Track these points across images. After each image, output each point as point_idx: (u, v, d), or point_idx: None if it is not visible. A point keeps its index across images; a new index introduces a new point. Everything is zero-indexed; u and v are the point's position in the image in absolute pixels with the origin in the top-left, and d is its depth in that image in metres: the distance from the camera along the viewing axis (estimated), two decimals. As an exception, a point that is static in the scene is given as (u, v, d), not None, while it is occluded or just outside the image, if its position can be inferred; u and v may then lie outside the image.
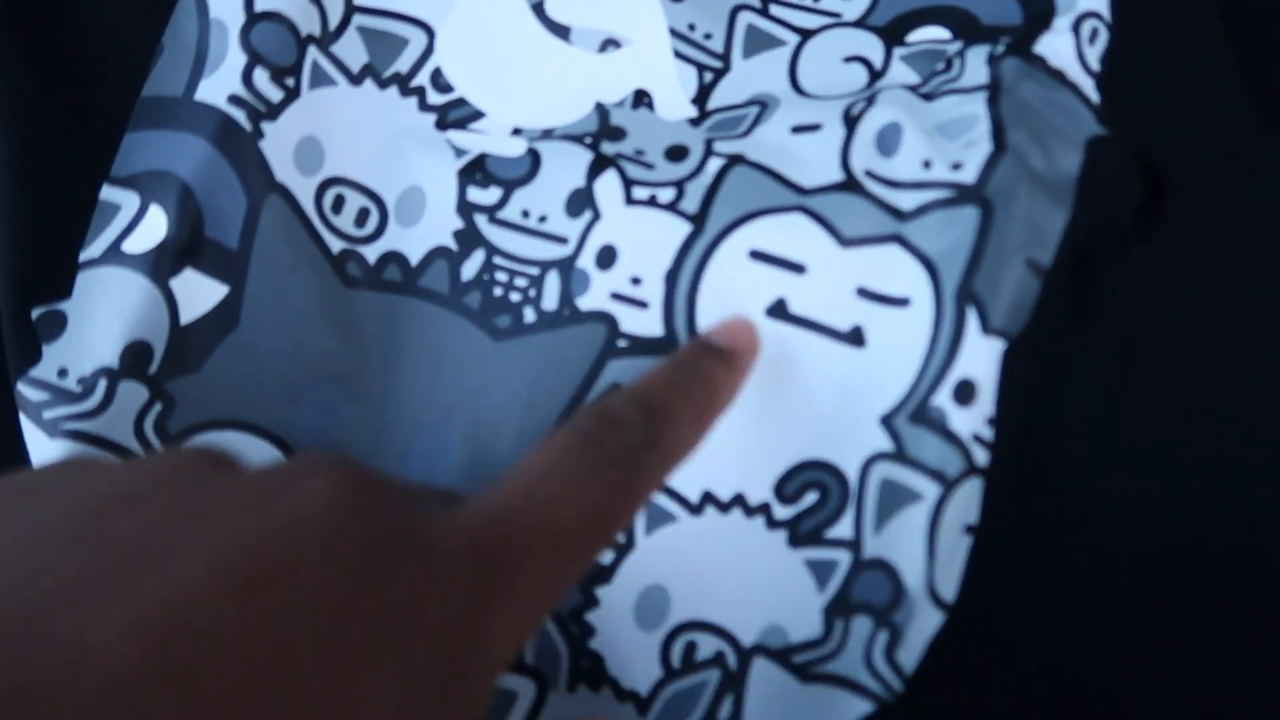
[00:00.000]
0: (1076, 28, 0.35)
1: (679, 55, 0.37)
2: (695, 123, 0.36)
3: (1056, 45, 0.34)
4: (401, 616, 0.17)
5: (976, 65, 0.35)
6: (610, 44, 0.37)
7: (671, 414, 0.25)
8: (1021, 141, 0.33)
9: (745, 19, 0.38)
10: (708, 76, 0.37)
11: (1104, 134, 0.33)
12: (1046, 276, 0.31)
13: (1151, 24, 0.35)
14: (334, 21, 0.34)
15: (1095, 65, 0.35)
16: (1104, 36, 0.35)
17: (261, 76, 0.32)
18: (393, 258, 0.34)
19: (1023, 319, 0.31)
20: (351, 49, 0.34)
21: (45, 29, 0.32)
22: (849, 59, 0.37)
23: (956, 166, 0.33)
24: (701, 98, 0.37)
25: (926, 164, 0.33)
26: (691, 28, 0.38)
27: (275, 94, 0.32)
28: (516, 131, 0.36)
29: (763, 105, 0.37)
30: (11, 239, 0.30)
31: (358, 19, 0.35)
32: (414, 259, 0.34)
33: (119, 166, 0.31)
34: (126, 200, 0.31)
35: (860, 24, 0.38)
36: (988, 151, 0.32)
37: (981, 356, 0.30)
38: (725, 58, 0.38)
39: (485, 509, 0.20)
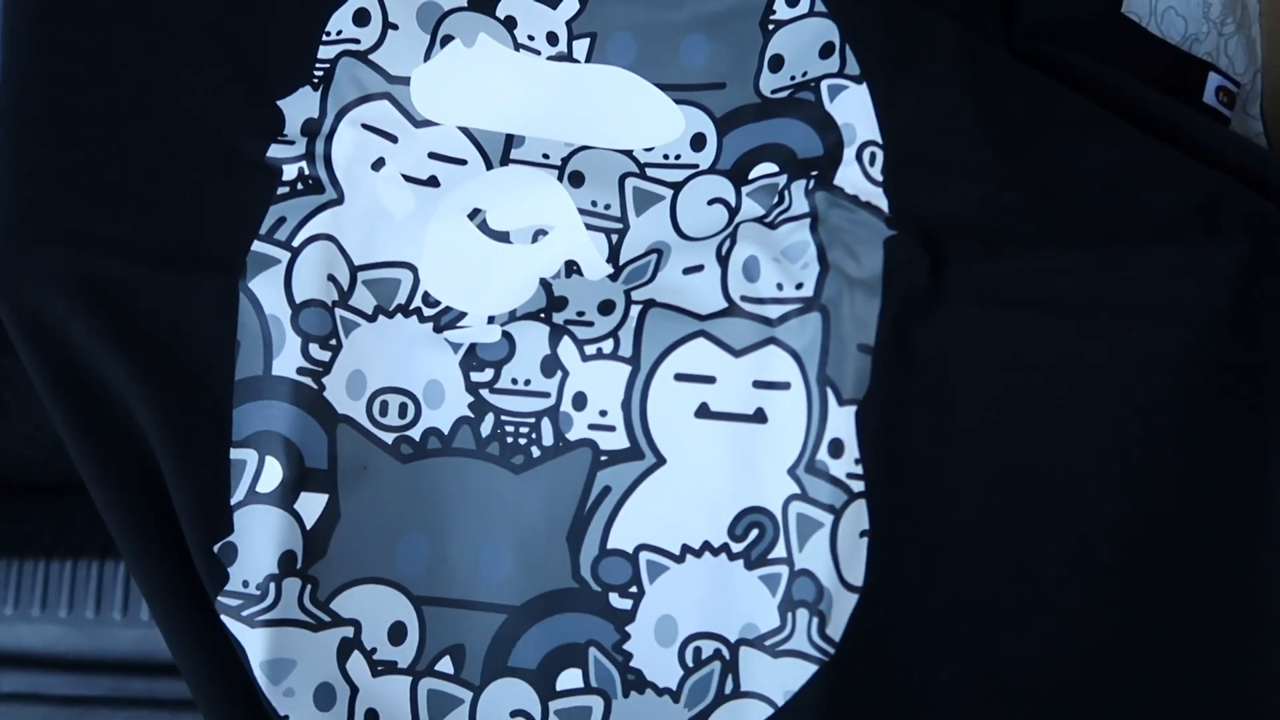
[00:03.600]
0: (859, 155, 0.49)
1: (590, 228, 0.51)
2: (614, 277, 0.50)
3: (849, 175, 0.48)
4: None
5: (799, 197, 0.49)
6: (540, 233, 0.51)
7: None
8: (839, 258, 0.47)
9: (631, 184, 0.52)
10: (614, 238, 0.51)
11: (894, 234, 0.47)
12: (873, 352, 0.46)
13: (919, 137, 0.49)
14: (345, 285, 0.48)
15: (879, 177, 0.49)
16: (880, 155, 0.49)
17: (314, 348, 0.46)
18: (431, 432, 0.48)
19: (864, 387, 0.46)
20: (363, 298, 0.48)
21: (163, 347, 0.45)
22: (711, 201, 0.51)
23: (799, 285, 0.47)
24: (614, 256, 0.51)
25: (779, 286, 0.47)
26: (594, 203, 0.51)
27: (325, 356, 0.46)
28: (491, 319, 0.49)
29: (659, 252, 0.50)
30: (188, 504, 0.44)
31: (361, 276, 0.48)
32: (445, 430, 0.48)
33: (236, 432, 0.45)
34: (249, 456, 0.45)
35: (713, 169, 0.52)
36: (818, 271, 0.47)
37: (842, 421, 0.45)
38: (623, 219, 0.51)
39: None
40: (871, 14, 0.51)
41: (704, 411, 0.47)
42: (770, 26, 0.52)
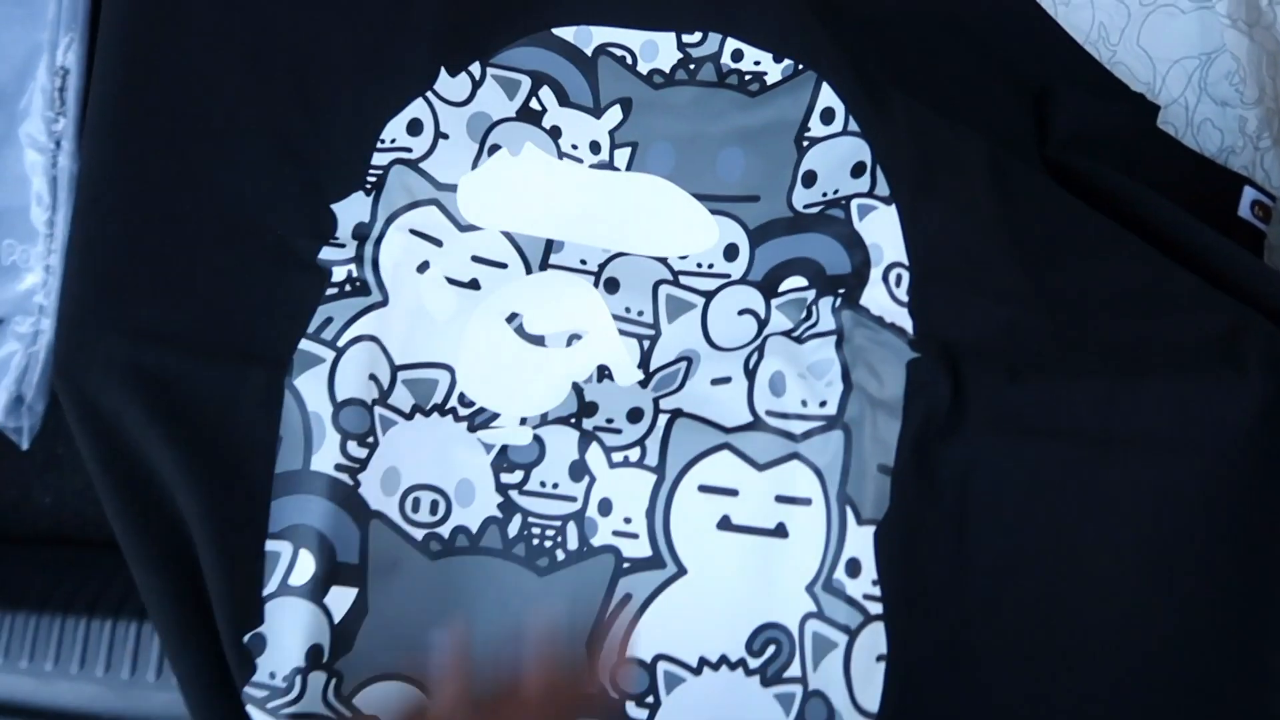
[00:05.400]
0: (885, 276, 0.50)
1: (623, 333, 0.52)
2: (644, 384, 0.52)
3: (874, 295, 0.49)
4: None
5: (826, 314, 0.50)
6: (574, 338, 0.52)
7: None
8: (863, 377, 0.48)
9: (664, 291, 0.53)
10: (646, 344, 0.52)
11: (917, 356, 0.48)
12: (893, 473, 0.47)
13: (945, 259, 0.50)
14: (385, 384, 0.50)
15: (904, 298, 0.50)
16: (906, 276, 0.50)
17: (352, 445, 0.48)
18: (460, 530, 0.50)
19: (883, 507, 0.46)
20: (402, 397, 0.50)
21: (209, 443, 0.47)
22: (742, 311, 0.52)
23: (823, 403, 0.48)
24: (645, 361, 0.52)
25: (804, 402, 0.48)
26: (628, 310, 0.53)
27: (362, 453, 0.48)
28: (523, 421, 0.51)
29: (688, 360, 0.52)
30: (222, 593, 0.46)
31: (401, 375, 0.50)
32: (473, 528, 0.50)
33: (273, 525, 0.47)
34: (283, 549, 0.47)
35: (745, 280, 0.53)
36: (841, 390, 0.48)
37: (860, 541, 0.46)
38: (655, 326, 0.53)
39: None
40: (903, 135, 0.52)
41: (726, 524, 0.48)
42: (804, 143, 0.53)
